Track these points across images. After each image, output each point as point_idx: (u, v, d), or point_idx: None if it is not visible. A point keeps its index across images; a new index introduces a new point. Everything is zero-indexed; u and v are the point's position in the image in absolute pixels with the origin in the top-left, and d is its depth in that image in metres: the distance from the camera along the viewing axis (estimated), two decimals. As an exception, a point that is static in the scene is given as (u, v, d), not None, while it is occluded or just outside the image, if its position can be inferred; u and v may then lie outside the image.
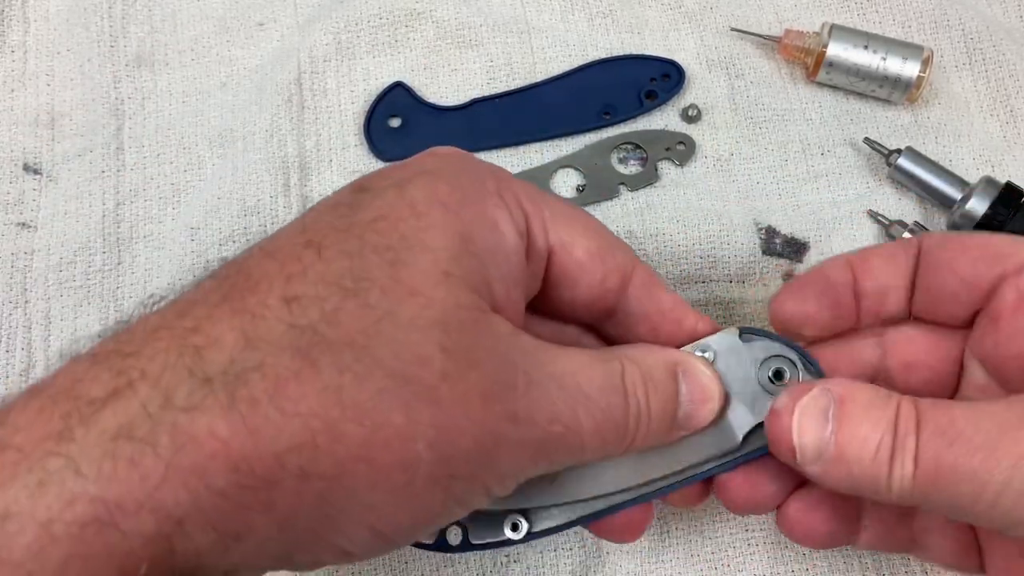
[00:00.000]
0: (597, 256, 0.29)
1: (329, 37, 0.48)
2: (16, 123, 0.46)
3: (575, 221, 0.29)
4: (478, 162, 0.29)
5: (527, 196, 0.28)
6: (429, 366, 0.23)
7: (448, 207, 0.25)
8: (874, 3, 0.49)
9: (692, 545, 0.39)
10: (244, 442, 0.21)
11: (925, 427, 0.25)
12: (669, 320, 0.31)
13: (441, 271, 0.24)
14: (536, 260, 0.28)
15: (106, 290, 0.43)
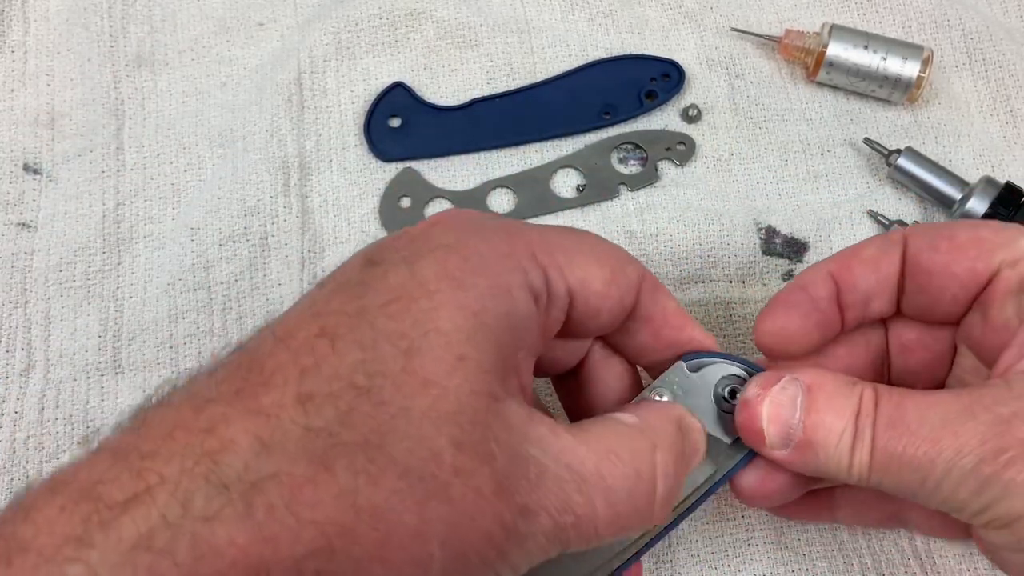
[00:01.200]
0: (613, 282, 0.29)
1: (329, 37, 0.48)
2: (16, 123, 0.46)
3: (587, 253, 0.29)
4: (490, 223, 0.28)
5: (541, 246, 0.28)
6: (442, 462, 0.23)
7: (460, 282, 0.25)
8: (874, 3, 0.49)
9: (692, 545, 0.39)
10: (263, 550, 0.21)
11: (880, 417, 0.27)
12: (671, 326, 0.31)
13: (455, 356, 0.24)
14: (558, 307, 0.28)
15: (106, 290, 0.43)
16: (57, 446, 0.40)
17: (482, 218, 0.29)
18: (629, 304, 0.30)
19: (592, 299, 0.29)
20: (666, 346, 0.31)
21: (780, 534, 0.39)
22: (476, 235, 0.27)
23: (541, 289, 0.27)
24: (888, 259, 0.31)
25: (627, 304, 0.30)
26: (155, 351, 0.42)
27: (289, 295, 0.43)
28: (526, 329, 0.27)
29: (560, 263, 0.28)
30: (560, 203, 0.45)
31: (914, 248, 0.30)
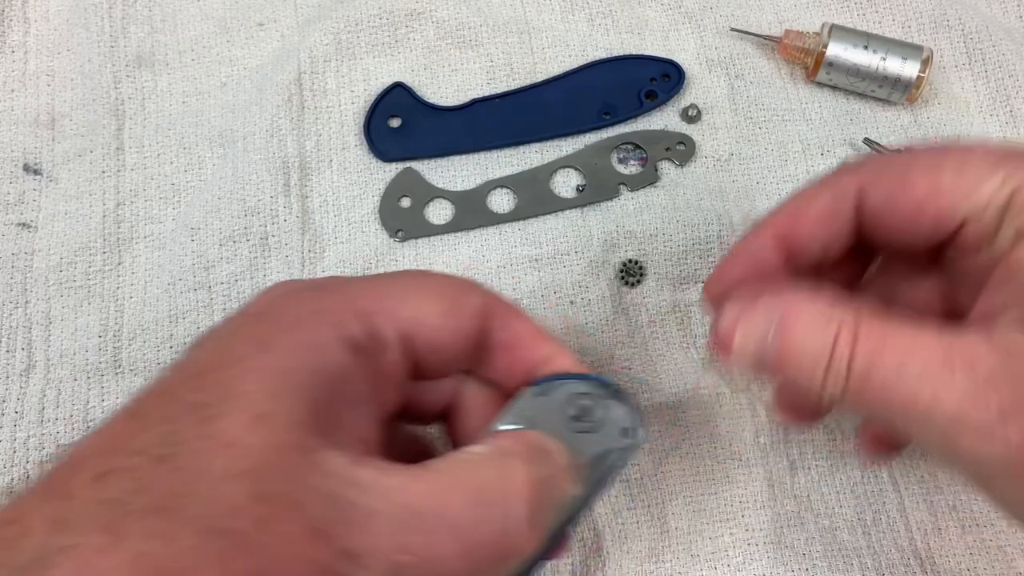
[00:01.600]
0: (450, 314, 0.29)
1: (329, 37, 0.48)
2: (16, 123, 0.46)
3: (418, 291, 0.29)
4: (307, 286, 0.29)
5: (363, 297, 0.28)
6: (242, 515, 0.23)
7: (266, 345, 0.26)
8: (874, 3, 0.49)
9: (692, 545, 0.39)
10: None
11: (859, 352, 0.25)
12: (526, 347, 0.31)
13: (255, 415, 0.24)
14: (392, 350, 0.28)
15: (106, 290, 0.43)
16: (57, 446, 0.40)
17: (301, 283, 0.29)
18: (474, 332, 0.30)
19: (431, 333, 0.29)
20: (526, 369, 0.31)
21: (780, 534, 0.39)
22: (288, 299, 0.28)
23: (362, 338, 0.27)
24: (841, 216, 0.29)
25: (471, 332, 0.30)
26: (155, 351, 0.42)
27: (289, 295, 0.43)
28: (347, 380, 0.26)
29: (387, 307, 0.28)
30: (560, 203, 0.45)
31: (871, 202, 0.28)
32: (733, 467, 0.40)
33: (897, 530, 0.39)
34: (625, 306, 0.43)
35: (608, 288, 0.43)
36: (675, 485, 0.40)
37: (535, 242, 0.44)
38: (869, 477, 0.40)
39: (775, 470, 0.40)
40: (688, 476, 0.40)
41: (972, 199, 0.26)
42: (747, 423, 0.40)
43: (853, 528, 0.39)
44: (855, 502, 0.39)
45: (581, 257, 0.44)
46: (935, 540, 0.38)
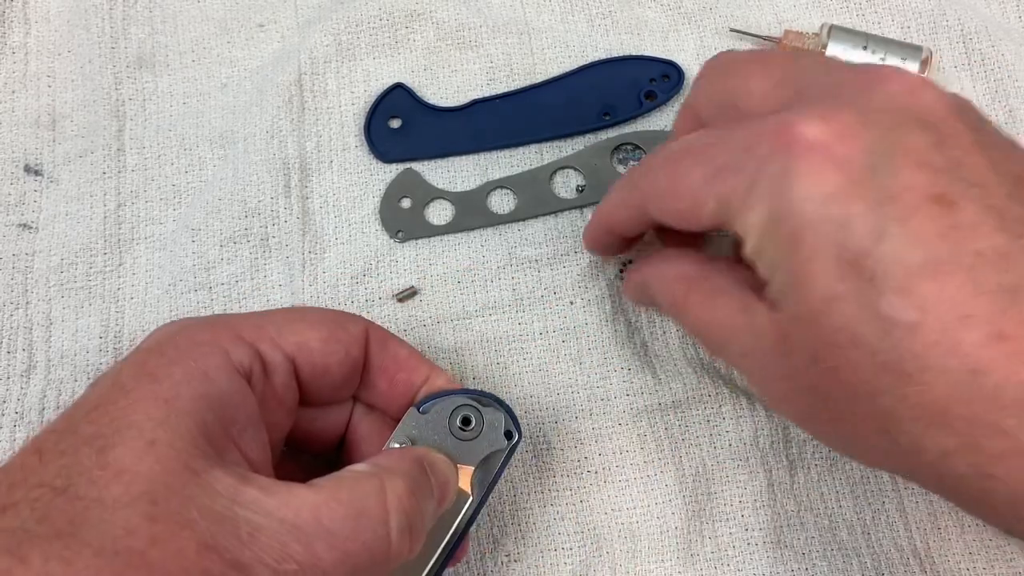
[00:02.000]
0: (331, 339, 0.32)
1: (329, 38, 0.48)
2: (17, 124, 0.46)
3: (300, 321, 0.32)
4: (195, 320, 0.31)
5: (248, 328, 0.31)
6: (137, 535, 0.24)
7: (154, 376, 0.28)
8: (873, 4, 0.49)
9: (692, 545, 0.39)
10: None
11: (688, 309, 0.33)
12: (404, 369, 0.34)
13: (146, 443, 0.26)
14: (280, 373, 0.31)
15: (107, 291, 0.43)
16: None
17: (192, 319, 0.32)
18: (357, 355, 0.33)
19: (315, 357, 0.32)
20: (404, 390, 0.34)
21: (779, 534, 0.39)
22: (177, 333, 0.30)
23: (249, 364, 0.30)
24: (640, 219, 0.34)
25: (354, 356, 0.33)
26: (156, 352, 0.42)
27: (290, 296, 0.43)
28: (236, 404, 0.29)
29: (271, 335, 0.31)
30: (560, 203, 0.45)
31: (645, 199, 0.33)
32: (733, 467, 0.40)
33: (896, 530, 0.39)
34: (625, 306, 0.43)
35: (608, 288, 0.43)
36: (675, 485, 0.40)
37: (535, 242, 0.44)
38: (869, 476, 0.40)
39: (775, 470, 0.40)
40: (688, 476, 0.40)
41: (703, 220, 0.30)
42: (747, 423, 0.40)
43: (852, 528, 0.39)
44: (855, 502, 0.39)
45: (581, 257, 0.44)
46: (935, 540, 0.39)
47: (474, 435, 0.34)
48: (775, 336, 0.28)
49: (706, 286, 0.32)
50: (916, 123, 0.27)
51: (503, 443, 0.34)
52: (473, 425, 0.34)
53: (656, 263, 0.35)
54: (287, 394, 0.32)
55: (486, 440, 0.34)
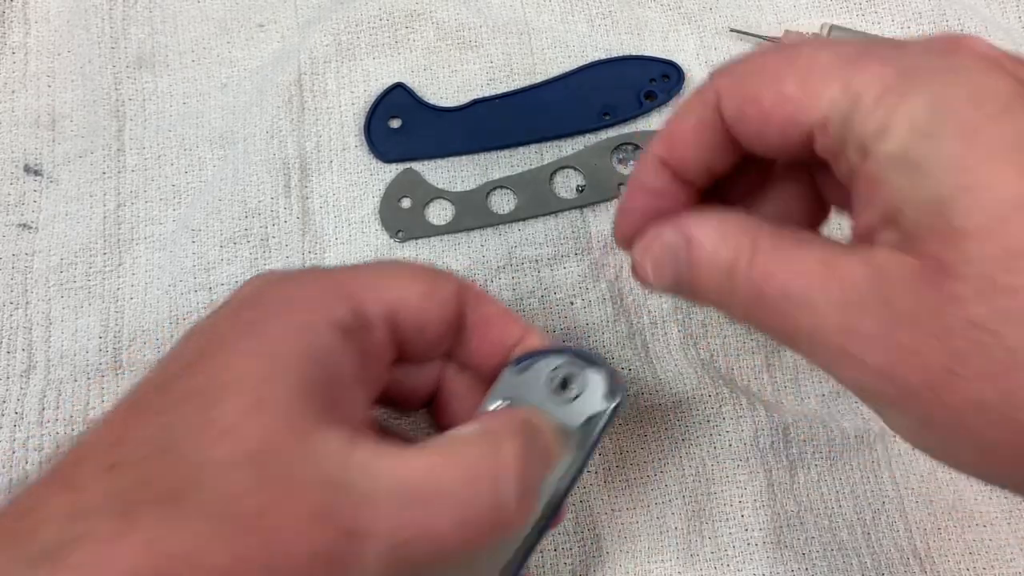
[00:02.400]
0: (429, 294, 0.30)
1: (329, 38, 0.48)
2: (17, 124, 0.46)
3: (399, 277, 0.31)
4: (293, 273, 0.30)
5: (348, 281, 0.29)
6: (247, 500, 0.23)
7: (254, 330, 0.26)
8: (873, 4, 0.49)
9: (692, 545, 0.39)
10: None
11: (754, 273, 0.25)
12: (497, 327, 0.32)
13: (252, 401, 0.25)
14: (380, 330, 0.29)
15: (107, 291, 0.43)
16: (57, 447, 0.40)
17: (285, 271, 0.30)
18: (452, 312, 0.31)
19: (413, 313, 0.30)
20: (498, 348, 0.32)
21: (779, 534, 0.39)
22: (273, 286, 0.29)
23: (350, 319, 0.28)
24: (708, 127, 0.28)
25: (450, 312, 0.31)
26: (156, 352, 0.42)
27: (289, 296, 0.43)
28: (338, 360, 0.27)
29: (370, 289, 0.29)
30: (560, 203, 0.45)
31: (726, 113, 0.27)
32: (733, 467, 0.40)
33: (896, 530, 0.39)
34: (626, 307, 0.43)
35: (608, 289, 0.43)
36: (675, 485, 0.40)
37: (535, 243, 0.44)
38: (869, 477, 0.40)
39: (775, 470, 0.40)
40: (688, 476, 0.40)
41: (812, 112, 0.24)
42: (747, 423, 0.40)
43: (852, 528, 0.39)
44: (855, 502, 0.39)
45: (581, 258, 0.44)
46: (934, 540, 0.39)
47: (573, 396, 0.32)
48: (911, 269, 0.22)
49: (781, 237, 0.26)
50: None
51: (605, 405, 0.31)
52: (573, 385, 0.32)
53: (705, 218, 0.28)
54: (385, 350, 0.30)
55: (587, 401, 0.32)
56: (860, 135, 0.23)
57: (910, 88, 0.22)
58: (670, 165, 0.29)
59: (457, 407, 0.33)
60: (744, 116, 0.26)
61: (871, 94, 0.23)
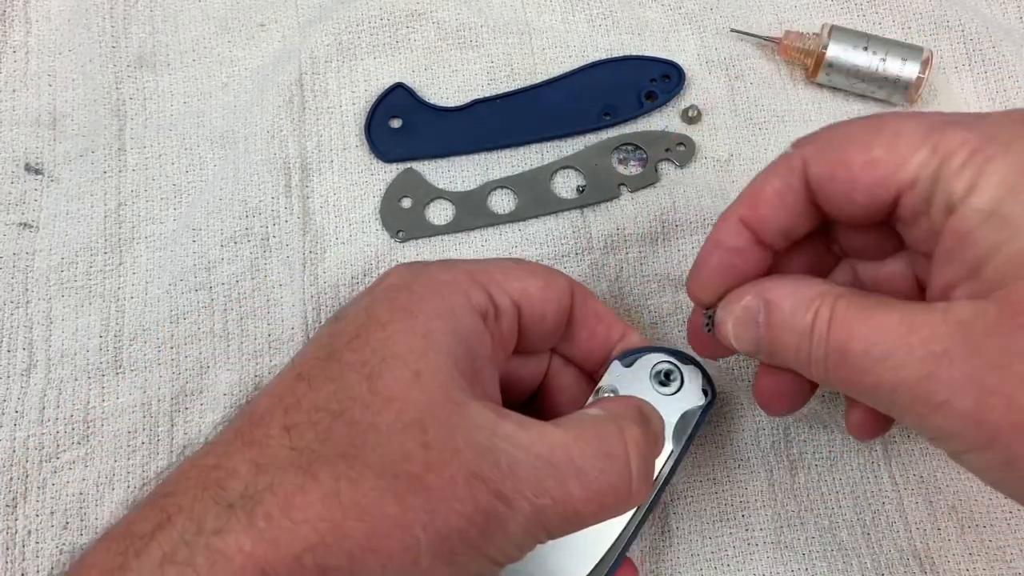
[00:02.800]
0: (547, 288, 0.33)
1: (330, 38, 0.48)
2: (18, 123, 0.46)
3: (520, 270, 0.33)
4: (432, 263, 0.33)
5: (479, 272, 0.32)
6: (413, 461, 0.26)
7: (408, 311, 0.29)
8: (874, 4, 0.49)
9: (692, 545, 0.39)
10: (266, 551, 0.25)
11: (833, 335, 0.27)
12: (604, 324, 0.35)
13: (412, 373, 0.27)
14: (508, 317, 0.32)
15: (107, 290, 0.43)
16: (57, 446, 0.40)
17: (424, 262, 0.33)
18: (566, 306, 0.34)
19: (535, 304, 0.33)
20: (603, 343, 0.35)
21: (780, 534, 0.39)
22: (420, 273, 0.31)
23: (485, 304, 0.31)
24: (793, 191, 0.30)
25: (564, 306, 0.34)
26: (156, 351, 0.42)
27: (290, 296, 0.43)
28: (477, 342, 0.30)
29: (499, 280, 0.32)
30: (560, 203, 0.45)
31: (814, 177, 0.29)
32: (733, 467, 0.40)
33: (896, 530, 0.39)
34: (626, 307, 0.43)
35: (609, 289, 0.43)
36: (675, 485, 0.40)
37: (535, 243, 0.44)
38: (869, 477, 0.40)
39: (775, 470, 0.40)
40: (689, 476, 0.40)
41: (903, 171, 0.26)
42: (747, 423, 0.40)
43: (852, 528, 0.39)
44: (854, 502, 0.39)
45: (582, 258, 0.44)
46: (934, 540, 0.39)
47: (674, 390, 0.35)
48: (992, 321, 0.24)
49: (860, 299, 0.27)
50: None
51: (701, 399, 0.35)
52: (673, 381, 0.35)
53: (782, 283, 0.30)
54: (510, 338, 0.33)
55: (684, 397, 0.35)
56: (948, 193, 0.25)
57: (997, 151, 0.24)
58: (751, 226, 0.31)
59: (561, 398, 0.36)
60: (834, 179, 0.28)
61: (959, 156, 0.25)
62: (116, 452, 0.40)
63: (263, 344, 0.42)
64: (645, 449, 0.30)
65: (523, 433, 0.28)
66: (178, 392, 0.41)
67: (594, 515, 0.28)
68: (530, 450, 0.27)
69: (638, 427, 0.30)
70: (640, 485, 0.29)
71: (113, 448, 0.40)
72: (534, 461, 0.27)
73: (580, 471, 0.28)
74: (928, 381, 0.25)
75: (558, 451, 0.28)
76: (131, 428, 0.40)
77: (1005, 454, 0.24)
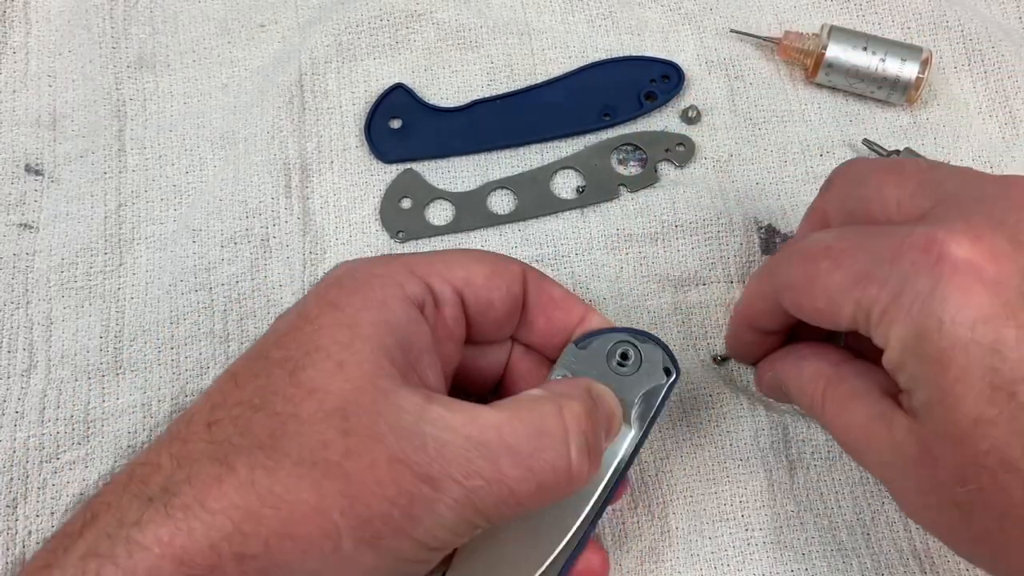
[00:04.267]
0: (494, 274, 0.33)
1: (330, 39, 0.48)
2: (18, 124, 0.46)
3: (466, 259, 0.33)
4: (372, 258, 0.33)
5: (419, 263, 0.32)
6: (332, 448, 0.26)
7: (336, 305, 0.29)
8: (873, 4, 0.49)
9: (692, 545, 0.39)
10: (183, 541, 0.25)
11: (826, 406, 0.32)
12: (561, 308, 0.35)
13: (335, 364, 0.28)
14: (450, 306, 0.32)
15: (107, 291, 0.43)
16: (57, 446, 0.40)
17: (365, 258, 0.34)
18: (517, 292, 0.34)
19: (480, 292, 0.33)
20: (561, 328, 0.35)
21: (779, 534, 0.39)
22: (354, 268, 0.32)
23: (422, 295, 0.31)
24: (777, 312, 0.33)
25: (515, 292, 0.34)
26: (156, 352, 0.42)
27: (290, 296, 0.43)
28: (412, 332, 0.30)
29: (440, 270, 0.32)
30: (560, 204, 0.45)
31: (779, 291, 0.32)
32: (733, 467, 0.40)
33: (896, 530, 0.39)
34: (626, 307, 0.43)
35: (609, 289, 0.43)
36: (675, 485, 0.40)
37: (535, 243, 0.44)
38: (868, 477, 0.40)
39: (775, 470, 0.40)
40: (689, 476, 0.40)
41: (842, 319, 0.30)
42: (747, 423, 0.40)
43: (852, 528, 0.39)
44: (854, 502, 0.39)
45: (582, 258, 0.44)
46: (934, 540, 0.39)
47: (632, 371, 0.34)
48: (916, 449, 0.28)
49: (842, 388, 0.31)
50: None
51: (662, 379, 0.34)
52: (632, 360, 0.34)
53: (789, 360, 0.35)
54: (456, 327, 0.33)
55: (645, 376, 0.34)
56: (876, 338, 0.29)
57: (900, 312, 0.27)
58: (753, 327, 0.36)
59: (523, 386, 0.35)
60: (797, 312, 0.32)
61: (874, 315, 0.28)
62: (116, 453, 0.40)
63: (263, 344, 0.42)
64: (586, 425, 0.29)
65: (452, 416, 0.28)
66: (178, 392, 0.41)
67: (533, 495, 0.28)
68: (460, 431, 0.27)
69: (579, 404, 0.30)
70: (580, 463, 0.29)
71: (113, 449, 0.40)
72: (463, 443, 0.27)
73: (512, 450, 0.28)
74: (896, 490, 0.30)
75: (490, 432, 0.28)
76: (131, 428, 0.40)
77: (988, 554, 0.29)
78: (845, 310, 0.29)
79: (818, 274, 0.30)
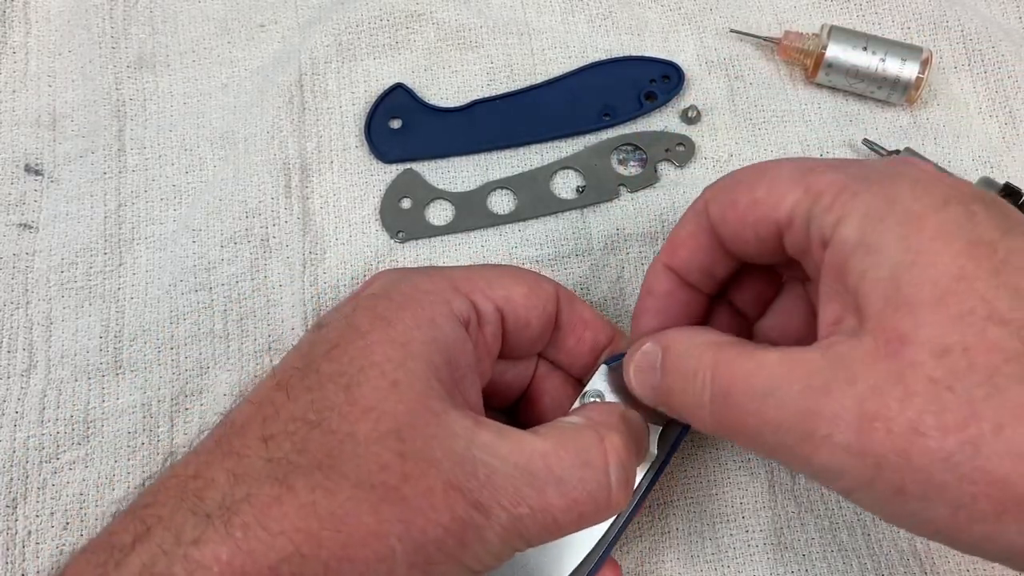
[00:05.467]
0: (532, 293, 0.33)
1: (330, 39, 0.48)
2: (18, 124, 0.46)
3: (505, 277, 0.33)
4: (415, 270, 0.33)
5: (462, 280, 0.32)
6: (390, 471, 0.26)
7: (388, 321, 0.29)
8: (873, 4, 0.49)
9: (692, 546, 0.39)
10: (243, 561, 0.25)
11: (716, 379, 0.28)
12: (591, 328, 0.35)
13: (389, 383, 0.28)
14: (491, 324, 0.33)
15: (107, 291, 0.43)
16: (57, 446, 0.40)
17: (408, 269, 0.34)
18: (552, 311, 0.34)
19: (519, 311, 0.33)
20: (589, 349, 0.35)
21: (779, 534, 0.39)
22: (401, 281, 0.32)
23: (468, 313, 0.31)
24: (703, 232, 0.32)
25: (550, 311, 0.34)
26: (156, 352, 0.42)
27: (290, 296, 0.43)
28: (459, 350, 0.30)
29: (482, 287, 0.32)
30: (560, 204, 0.45)
31: (713, 218, 0.31)
32: (733, 468, 0.40)
33: (896, 530, 0.39)
34: (626, 307, 0.43)
35: (609, 290, 0.43)
36: (676, 485, 0.40)
37: (535, 243, 0.44)
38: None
39: (775, 471, 0.40)
40: (689, 477, 0.40)
41: (781, 209, 0.28)
42: (747, 423, 0.40)
43: (852, 529, 0.39)
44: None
45: (582, 259, 0.44)
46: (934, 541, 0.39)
47: None
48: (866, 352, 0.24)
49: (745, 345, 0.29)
50: None
51: None
52: None
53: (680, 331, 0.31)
54: (494, 344, 0.33)
55: None
56: (821, 227, 0.27)
57: (861, 188, 0.26)
58: (673, 269, 0.33)
59: (547, 403, 0.36)
60: (725, 219, 0.30)
61: (829, 194, 0.27)
62: (116, 453, 0.40)
63: (263, 345, 0.42)
64: (625, 457, 0.30)
65: (501, 442, 0.28)
66: (178, 392, 0.41)
67: (573, 524, 0.28)
68: (508, 459, 0.27)
69: (618, 435, 0.30)
70: (619, 494, 0.29)
71: (113, 449, 0.40)
72: (512, 471, 0.27)
73: (559, 480, 0.28)
74: (809, 417, 0.25)
75: (537, 460, 0.28)
76: (131, 428, 0.40)
77: (892, 483, 0.24)
78: (790, 196, 0.28)
79: (764, 169, 0.29)
